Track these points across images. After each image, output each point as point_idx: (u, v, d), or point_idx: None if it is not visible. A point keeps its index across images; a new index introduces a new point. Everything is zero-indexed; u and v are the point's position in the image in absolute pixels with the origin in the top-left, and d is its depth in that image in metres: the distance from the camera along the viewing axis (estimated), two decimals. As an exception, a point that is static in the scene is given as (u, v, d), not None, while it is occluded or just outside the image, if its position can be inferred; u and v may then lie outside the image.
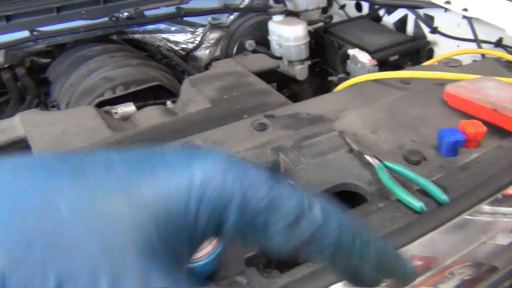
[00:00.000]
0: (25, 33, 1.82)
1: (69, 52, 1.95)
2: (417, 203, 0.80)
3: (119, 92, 1.56)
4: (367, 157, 0.92)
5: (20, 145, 1.30)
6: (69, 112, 1.39)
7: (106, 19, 1.94)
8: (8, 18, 1.70)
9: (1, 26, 1.71)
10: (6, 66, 1.85)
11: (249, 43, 2.09)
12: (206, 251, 0.67)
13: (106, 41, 2.04)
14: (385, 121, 1.09)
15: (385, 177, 0.85)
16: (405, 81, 1.26)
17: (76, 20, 1.86)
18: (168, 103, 1.63)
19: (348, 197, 0.93)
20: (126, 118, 1.48)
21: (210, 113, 1.32)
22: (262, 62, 1.66)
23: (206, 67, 2.20)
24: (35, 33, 1.83)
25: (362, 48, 1.89)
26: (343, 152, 0.98)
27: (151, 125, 1.28)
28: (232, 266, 0.72)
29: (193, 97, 1.45)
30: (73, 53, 1.92)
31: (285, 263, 0.93)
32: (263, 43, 2.09)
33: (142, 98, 1.61)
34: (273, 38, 2.02)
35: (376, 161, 0.91)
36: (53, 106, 1.70)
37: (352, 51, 1.87)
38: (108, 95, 1.54)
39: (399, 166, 0.89)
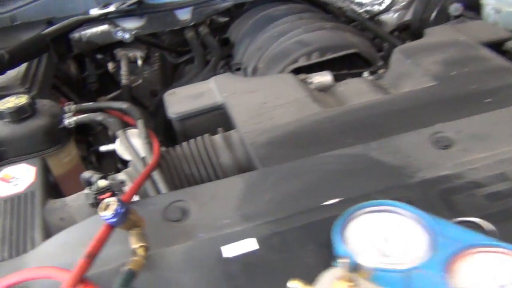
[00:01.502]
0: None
1: (251, 12, 1.82)
2: None
3: (315, 58, 1.38)
4: None
5: (217, 112, 1.20)
6: (266, 80, 1.25)
7: (291, -25, 1.77)
8: (199, -27, 1.62)
9: (193, -19, 1.63)
10: (191, 24, 1.78)
11: (455, 7, 1.76)
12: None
13: (287, 0, 1.87)
14: None
15: None
16: None
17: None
18: (365, 74, 1.42)
19: None
20: (321, 89, 1.30)
21: (437, 92, 1.08)
22: (491, 31, 1.34)
23: (392, 33, 1.93)
24: (224, -11, 1.73)
25: None
26: None
27: (365, 103, 1.08)
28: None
29: (409, 71, 1.21)
30: (256, 12, 1.79)
31: None
32: (473, 7, 1.74)
33: (335, 66, 1.42)
34: (488, 1, 1.67)
35: None
36: (238, 69, 1.59)
37: None
38: (302, 62, 1.38)
39: None
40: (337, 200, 0.72)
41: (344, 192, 0.74)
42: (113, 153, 1.43)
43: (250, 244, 0.65)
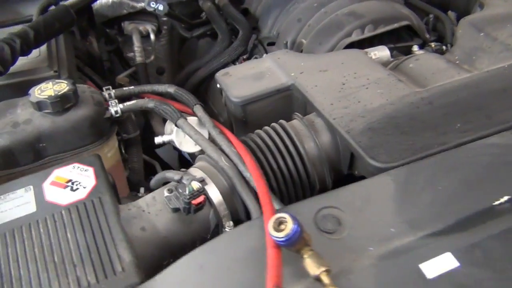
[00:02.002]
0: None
1: (271, -21, 1.66)
2: None
3: (368, 32, 1.28)
4: None
5: (282, 94, 1.07)
6: (333, 57, 1.13)
7: None
8: None
9: None
10: (208, -7, 1.61)
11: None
12: None
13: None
14: None
15: None
16: None
17: None
18: (415, 48, 1.34)
19: None
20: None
21: (530, 69, 1.01)
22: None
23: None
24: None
25: None
26: None
27: (458, 82, 0.99)
28: None
29: (484, 46, 1.13)
30: (278, -20, 1.63)
31: None
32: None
33: (384, 40, 1.32)
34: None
35: None
36: (270, 44, 1.46)
37: None
38: (356, 36, 1.27)
39: None
40: (508, 197, 0.64)
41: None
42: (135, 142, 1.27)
43: (448, 260, 0.55)
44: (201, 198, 0.78)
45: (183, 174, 0.82)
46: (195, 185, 0.78)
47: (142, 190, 1.21)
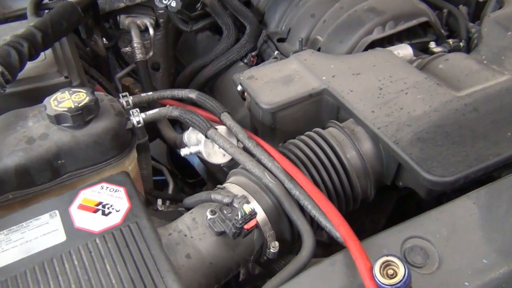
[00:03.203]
0: None
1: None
2: None
3: (389, 29, 1.23)
4: None
5: (312, 100, 1.01)
6: (364, 58, 1.07)
7: None
8: None
9: None
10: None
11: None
12: None
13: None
14: None
15: None
16: None
17: None
18: (432, 45, 1.30)
19: None
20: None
21: None
22: None
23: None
24: None
25: None
26: None
27: (501, 86, 0.96)
28: None
29: (513, 45, 1.11)
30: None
31: None
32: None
33: (402, 36, 1.28)
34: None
35: None
36: (281, 40, 1.38)
37: None
38: (377, 33, 1.21)
39: None
40: None
41: None
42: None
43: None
44: (253, 222, 0.72)
45: (233, 197, 0.75)
46: (247, 208, 0.71)
47: (159, 202, 1.14)
